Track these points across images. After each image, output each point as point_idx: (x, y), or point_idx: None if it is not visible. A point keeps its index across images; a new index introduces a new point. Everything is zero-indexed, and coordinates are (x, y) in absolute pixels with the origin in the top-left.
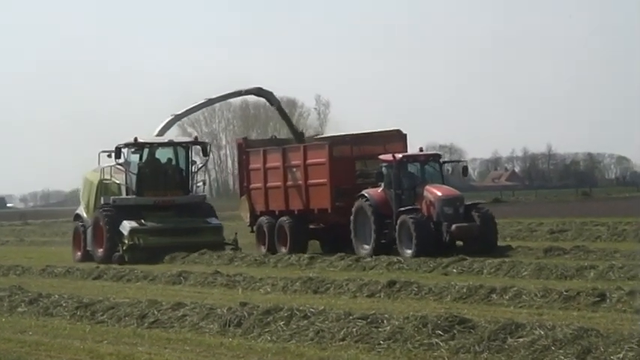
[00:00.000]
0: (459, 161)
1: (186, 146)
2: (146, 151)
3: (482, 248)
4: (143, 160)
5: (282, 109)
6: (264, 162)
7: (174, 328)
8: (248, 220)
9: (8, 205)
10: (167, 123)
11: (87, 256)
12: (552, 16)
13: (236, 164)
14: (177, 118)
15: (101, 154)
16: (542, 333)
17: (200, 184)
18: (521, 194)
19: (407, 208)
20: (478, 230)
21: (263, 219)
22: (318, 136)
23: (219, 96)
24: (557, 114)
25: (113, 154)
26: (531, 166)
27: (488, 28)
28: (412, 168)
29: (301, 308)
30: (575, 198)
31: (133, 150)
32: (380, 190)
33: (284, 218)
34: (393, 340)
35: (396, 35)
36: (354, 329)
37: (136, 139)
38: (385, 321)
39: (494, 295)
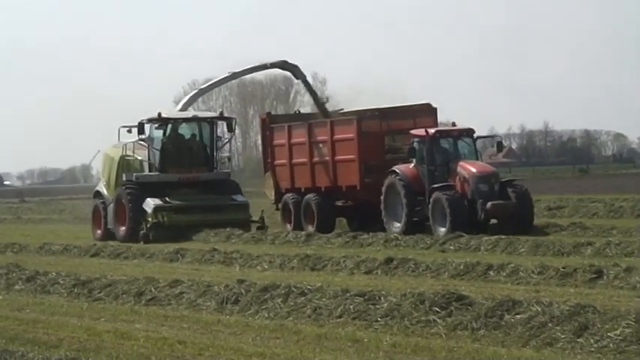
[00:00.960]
0: (493, 136)
1: (211, 122)
2: (170, 126)
3: (517, 227)
4: (167, 136)
5: (307, 82)
6: (289, 138)
7: (172, 305)
8: (273, 197)
9: (5, 182)
10: (191, 97)
11: (107, 235)
12: None
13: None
14: (202, 92)
15: (121, 130)
16: (539, 310)
17: (225, 160)
18: (518, 171)
19: (440, 184)
20: (514, 208)
21: (288, 196)
22: (344, 111)
23: (244, 69)
24: (554, 91)
25: (135, 130)
26: (528, 143)
27: (485, 8)
28: (445, 143)
29: (298, 285)
30: (572, 175)
31: (156, 125)
32: (411, 166)
33: (310, 195)
34: (391, 317)
35: (393, 12)
36: (352, 306)
37: (159, 114)
38: (382, 298)
39: (491, 272)
